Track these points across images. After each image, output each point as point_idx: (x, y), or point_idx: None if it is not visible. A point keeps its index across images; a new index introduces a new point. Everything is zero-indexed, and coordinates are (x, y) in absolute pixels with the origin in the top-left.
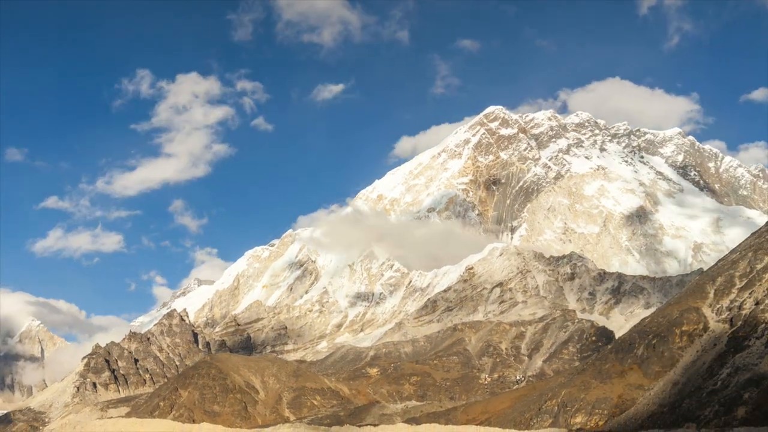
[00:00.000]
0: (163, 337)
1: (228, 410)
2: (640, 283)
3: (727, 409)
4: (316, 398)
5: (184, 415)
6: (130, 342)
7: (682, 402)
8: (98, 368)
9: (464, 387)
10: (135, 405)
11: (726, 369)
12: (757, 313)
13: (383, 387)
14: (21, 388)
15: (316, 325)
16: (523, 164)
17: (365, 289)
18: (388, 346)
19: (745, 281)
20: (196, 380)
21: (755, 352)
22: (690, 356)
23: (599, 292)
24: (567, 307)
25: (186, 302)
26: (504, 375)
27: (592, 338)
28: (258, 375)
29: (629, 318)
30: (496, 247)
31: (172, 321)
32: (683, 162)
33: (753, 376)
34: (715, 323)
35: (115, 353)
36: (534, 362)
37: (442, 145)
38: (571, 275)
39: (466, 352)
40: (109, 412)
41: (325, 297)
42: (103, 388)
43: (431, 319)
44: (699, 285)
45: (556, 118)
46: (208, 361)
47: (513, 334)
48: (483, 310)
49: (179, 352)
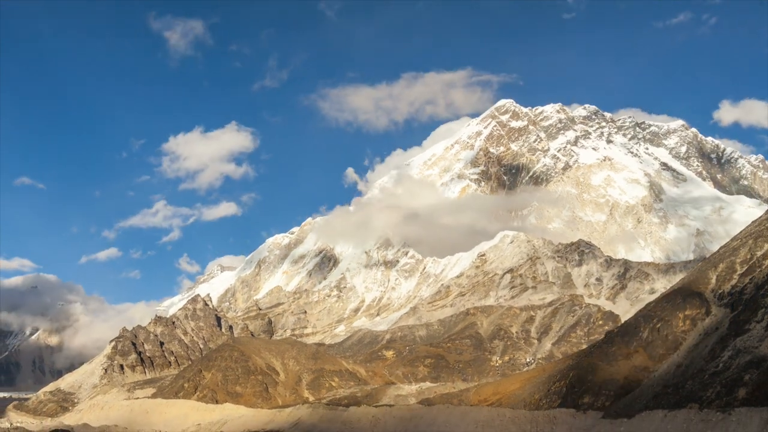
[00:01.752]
0: (187, 321)
1: (250, 391)
2: (645, 270)
3: (729, 390)
4: (334, 380)
5: (208, 396)
6: (156, 326)
7: (685, 383)
8: (125, 351)
9: (476, 369)
10: (160, 386)
11: (727, 352)
12: (757, 298)
13: (398, 369)
14: (51, 370)
15: (334, 309)
16: (533, 155)
17: (381, 275)
18: (403, 329)
19: (746, 267)
20: (219, 362)
21: (755, 336)
22: (693, 339)
23: (606, 278)
24: (575, 293)
25: (209, 288)
26: (514, 357)
27: (599, 322)
28: (278, 357)
29: (635, 303)
30: (507, 235)
31: (196, 306)
32: (686, 153)
33: (753, 359)
34: (717, 308)
35: (141, 336)
36: (543, 345)
37: (456, 137)
38: (578, 262)
39: (478, 336)
40: (135, 393)
41: (342, 282)
42: (129, 370)
43: (445, 303)
44: (701, 271)
45: (565, 111)
46: (230, 344)
47: (523, 318)
48: (494, 295)
49: (203, 336)
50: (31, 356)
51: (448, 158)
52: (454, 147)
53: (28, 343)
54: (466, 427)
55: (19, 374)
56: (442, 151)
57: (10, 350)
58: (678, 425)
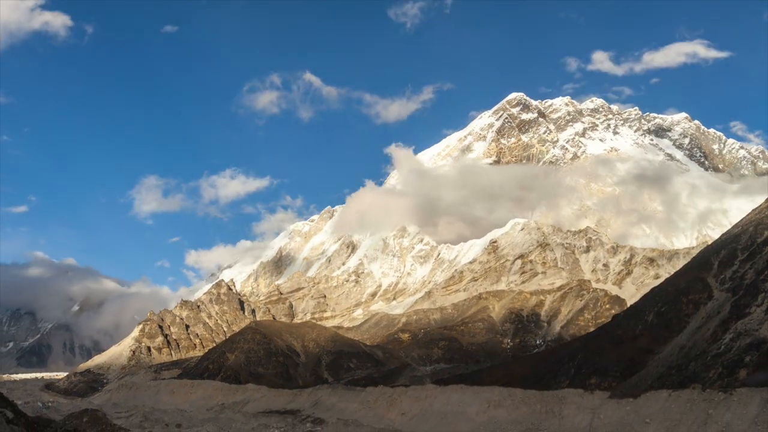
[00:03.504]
0: (211, 305)
1: (271, 372)
2: (650, 256)
3: (730, 371)
4: (352, 361)
5: (231, 377)
6: (182, 309)
7: (688, 364)
8: (152, 334)
9: (488, 351)
10: (186, 367)
11: (729, 334)
12: (757, 282)
13: (414, 351)
14: (82, 352)
15: (352, 294)
16: (543, 146)
17: (397, 262)
18: (418, 313)
19: (747, 254)
20: (242, 345)
21: (756, 319)
22: (696, 322)
23: (612, 264)
24: (583, 278)
25: (233, 273)
26: (525, 340)
27: (605, 306)
28: (299, 340)
29: (640, 287)
30: (517, 222)
31: (220, 290)
32: (689, 144)
33: (753, 341)
34: (719, 292)
35: (167, 320)
36: (552, 328)
37: (468, 129)
38: (586, 248)
39: (490, 319)
40: (162, 374)
41: (360, 268)
42: (156, 352)
43: (458, 288)
44: (704, 257)
45: (573, 103)
46: (253, 327)
47: (533, 302)
48: (506, 280)
49: (226, 319)
50: (62, 339)
51: (461, 149)
52: (467, 138)
53: (59, 325)
54: (478, 406)
55: (51, 356)
56: (456, 142)
57: (41, 333)
58: (681, 405)
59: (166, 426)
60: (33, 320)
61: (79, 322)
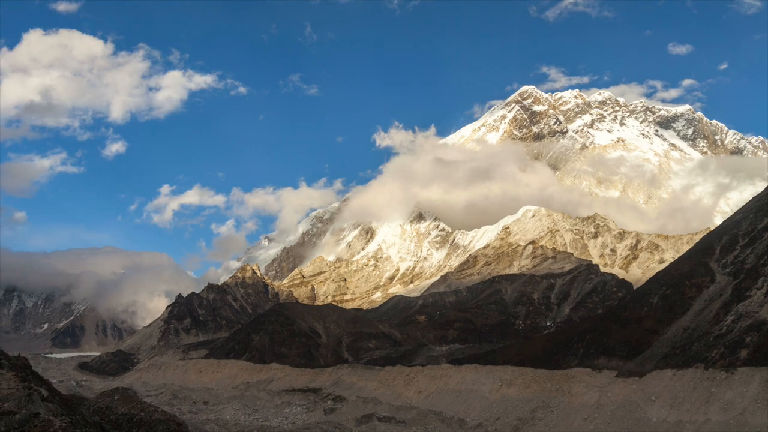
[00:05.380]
0: (237, 288)
1: (294, 352)
2: (655, 241)
3: (732, 351)
4: (371, 342)
5: (256, 357)
6: (209, 292)
7: (691, 345)
8: (181, 315)
9: (501, 332)
10: (213, 348)
11: (730, 316)
12: (758, 266)
13: (430, 332)
14: (113, 333)
15: (371, 277)
16: (553, 137)
17: (414, 246)
18: (434, 296)
19: (747, 239)
20: (267, 326)
21: (756, 301)
22: (699, 305)
23: (619, 249)
24: (591, 262)
25: (258, 258)
26: (536, 321)
27: (613, 289)
28: (320, 322)
29: (645, 271)
30: (529, 209)
31: (245, 274)
32: (693, 135)
33: (754, 322)
34: (721, 276)
35: (195, 302)
36: (562, 310)
37: (482, 120)
38: (594, 234)
39: (502, 302)
40: (189, 354)
41: (379, 253)
42: (184, 333)
43: (472, 272)
44: (707, 242)
45: (582, 96)
46: (276, 309)
47: (544, 286)
48: (517, 265)
49: (251, 302)
50: (95, 320)
51: (475, 139)
52: (481, 129)
53: (92, 307)
54: (491, 385)
55: (84, 336)
56: (470, 133)
57: (75, 315)
58: (685, 383)
59: (193, 403)
60: (67, 303)
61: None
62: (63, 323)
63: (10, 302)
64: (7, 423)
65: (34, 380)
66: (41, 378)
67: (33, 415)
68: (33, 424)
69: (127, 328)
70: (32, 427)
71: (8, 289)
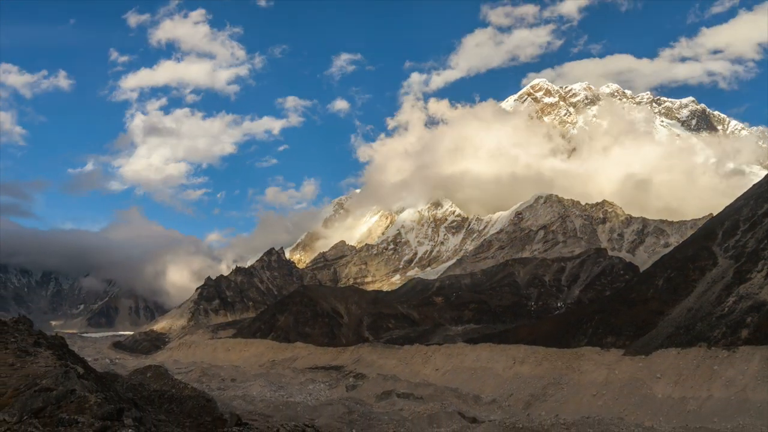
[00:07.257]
0: (263, 271)
1: (317, 332)
2: (660, 226)
3: (733, 330)
4: (391, 322)
5: (281, 336)
6: (236, 275)
7: (695, 325)
8: (210, 297)
9: (514, 313)
10: (240, 327)
11: (732, 297)
12: (758, 250)
13: (447, 313)
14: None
15: (391, 261)
16: (563, 127)
17: (432, 231)
18: (450, 278)
19: (748, 224)
20: (291, 307)
21: (756, 283)
22: (702, 287)
23: (627, 234)
24: (600, 246)
25: None
26: (547, 303)
27: (620, 272)
28: (342, 303)
29: (651, 255)
30: (541, 196)
31: (271, 257)
32: (696, 125)
33: (754, 304)
34: (723, 259)
35: (223, 284)
36: (572, 292)
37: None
38: (603, 219)
39: (515, 284)
40: (218, 333)
41: (398, 238)
42: (213, 314)
43: (487, 256)
44: (710, 227)
45: (590, 88)
46: (301, 291)
47: (555, 269)
48: (530, 249)
49: (277, 284)
50: (129, 302)
51: None
52: None
53: (126, 290)
54: (505, 363)
55: (118, 317)
56: None
57: (110, 296)
58: (689, 361)
59: (222, 380)
60: (102, 284)
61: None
62: (98, 304)
63: (47, 284)
64: (45, 399)
65: (71, 358)
66: (77, 356)
67: (69, 392)
68: (69, 399)
69: (158, 309)
70: (68, 403)
71: (45, 272)
